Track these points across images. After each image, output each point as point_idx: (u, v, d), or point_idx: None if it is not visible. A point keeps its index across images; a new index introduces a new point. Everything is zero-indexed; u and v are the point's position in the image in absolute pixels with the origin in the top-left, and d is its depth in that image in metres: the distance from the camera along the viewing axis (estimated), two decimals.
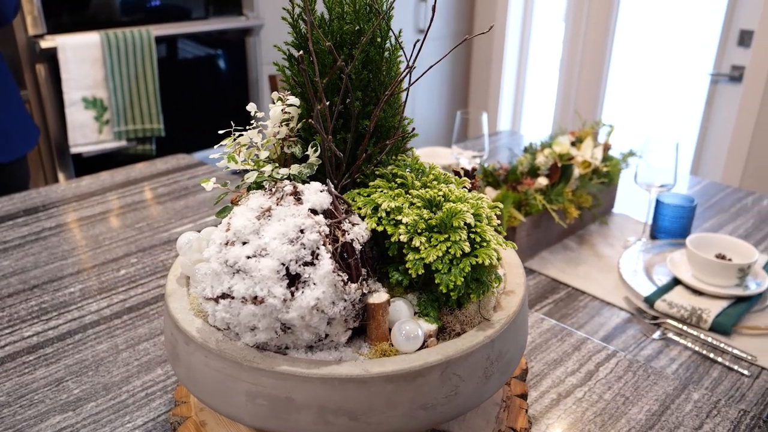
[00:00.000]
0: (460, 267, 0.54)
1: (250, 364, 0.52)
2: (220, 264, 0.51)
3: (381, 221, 0.56)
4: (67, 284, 0.97)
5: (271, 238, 0.51)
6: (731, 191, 1.76)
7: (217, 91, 2.46)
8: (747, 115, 2.62)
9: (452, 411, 0.55)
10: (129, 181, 1.35)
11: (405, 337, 0.53)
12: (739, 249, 1.28)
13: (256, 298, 0.50)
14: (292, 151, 0.60)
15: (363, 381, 0.51)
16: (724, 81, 2.75)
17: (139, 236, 1.12)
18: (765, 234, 1.51)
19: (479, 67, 3.48)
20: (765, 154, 2.62)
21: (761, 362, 1.06)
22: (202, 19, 2.32)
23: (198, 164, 1.45)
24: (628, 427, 0.70)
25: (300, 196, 0.53)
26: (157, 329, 0.86)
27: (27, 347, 0.83)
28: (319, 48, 0.59)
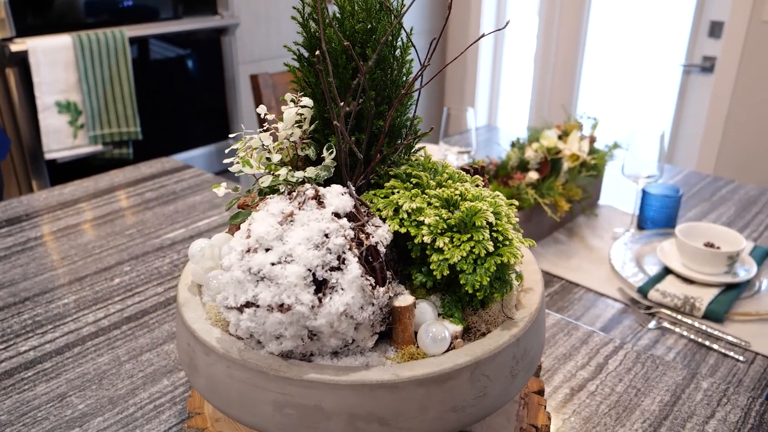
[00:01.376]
0: (485, 267, 0.54)
1: (277, 374, 0.51)
2: (243, 272, 0.50)
3: (403, 222, 0.55)
4: (59, 295, 0.94)
5: (295, 243, 0.50)
6: (711, 180, 1.79)
7: (194, 92, 2.42)
8: (719, 104, 2.67)
9: (481, 412, 0.54)
10: (114, 187, 1.32)
11: (432, 339, 0.53)
12: (726, 237, 1.30)
13: (282, 306, 0.49)
14: (306, 153, 0.59)
15: (394, 386, 0.50)
16: (696, 72, 2.80)
17: (130, 243, 1.09)
18: (747, 221, 1.54)
19: (454, 63, 3.49)
20: (737, 142, 2.68)
21: (755, 348, 1.08)
22: (176, 18, 2.28)
23: (183, 167, 1.42)
24: (643, 419, 0.71)
25: (322, 200, 0.52)
26: (159, 339, 0.84)
27: (24, 362, 0.80)
28: (331, 48, 0.58)
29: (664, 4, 2.92)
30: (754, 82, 2.57)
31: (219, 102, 2.51)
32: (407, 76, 0.62)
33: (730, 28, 2.56)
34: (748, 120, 2.63)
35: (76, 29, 2.03)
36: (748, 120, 2.63)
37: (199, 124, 2.48)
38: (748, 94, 2.59)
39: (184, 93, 2.39)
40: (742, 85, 2.60)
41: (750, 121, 2.62)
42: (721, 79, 2.64)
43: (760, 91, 2.57)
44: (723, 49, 2.61)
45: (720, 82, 2.65)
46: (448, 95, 3.60)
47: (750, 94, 2.59)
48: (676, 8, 2.85)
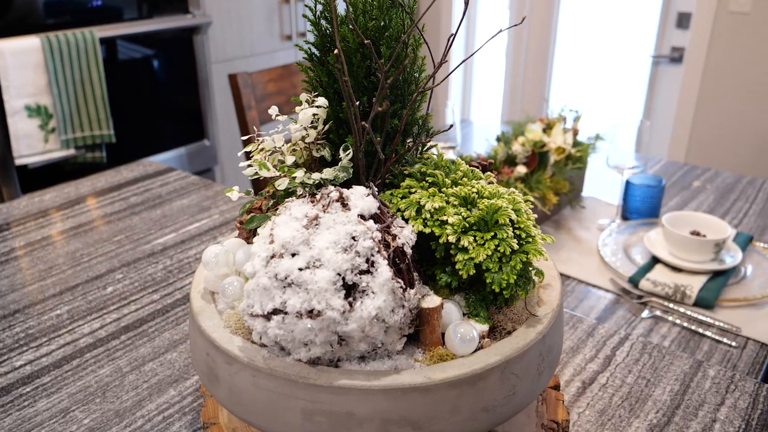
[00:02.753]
0: (511, 265, 0.53)
1: (306, 381, 0.50)
2: (269, 278, 0.49)
3: (426, 222, 0.54)
4: (51, 306, 0.91)
5: (323, 247, 0.48)
6: (689, 168, 1.83)
7: (166, 93, 2.37)
8: (688, 94, 2.73)
9: (510, 411, 0.54)
10: (96, 192, 1.28)
11: (461, 340, 0.52)
12: (711, 225, 1.32)
13: (312, 312, 0.48)
14: (321, 155, 0.58)
15: (426, 389, 0.49)
16: (665, 62, 2.85)
17: (119, 250, 1.06)
18: (726, 208, 1.57)
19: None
20: (707, 130, 2.74)
21: (745, 333, 1.10)
22: (147, 18, 2.23)
23: (166, 170, 1.39)
24: (656, 409, 0.71)
25: (346, 202, 0.51)
26: (161, 347, 0.82)
27: (21, 378, 0.77)
28: (345, 46, 0.57)
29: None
30: (723, 71, 2.63)
31: (192, 102, 2.46)
32: (419, 74, 0.61)
33: (698, 19, 2.62)
34: (717, 109, 2.69)
35: (43, 30, 1.97)
36: (717, 109, 2.69)
37: (173, 126, 2.43)
38: (717, 83, 2.65)
39: (157, 94, 2.34)
40: (711, 75, 2.66)
41: (719, 110, 2.69)
42: (690, 70, 2.70)
43: (728, 80, 2.63)
44: (691, 39, 2.66)
45: (689, 72, 2.71)
46: None
47: (718, 84, 2.65)
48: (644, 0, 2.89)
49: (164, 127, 2.40)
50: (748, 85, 2.58)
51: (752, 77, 2.57)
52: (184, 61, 2.38)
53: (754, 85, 2.57)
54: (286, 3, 2.66)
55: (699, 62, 2.66)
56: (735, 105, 2.64)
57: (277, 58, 2.70)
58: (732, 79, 2.62)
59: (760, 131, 2.62)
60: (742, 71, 2.58)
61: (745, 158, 2.68)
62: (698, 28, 2.62)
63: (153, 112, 2.34)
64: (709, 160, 2.74)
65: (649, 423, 0.69)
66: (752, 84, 2.57)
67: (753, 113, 2.61)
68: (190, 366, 0.78)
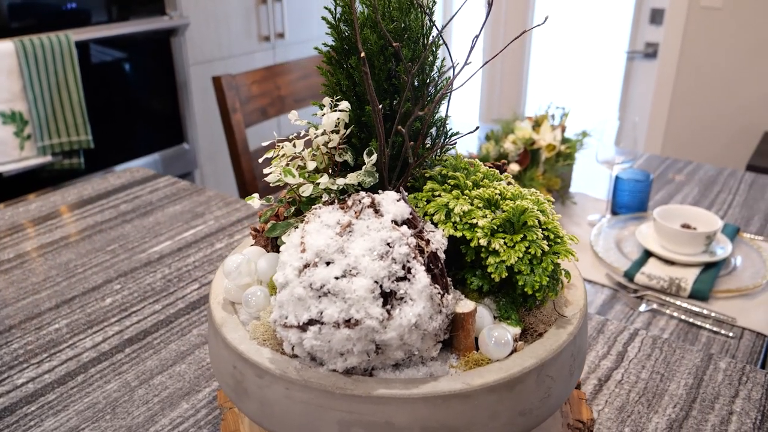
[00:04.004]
0: (543, 266, 0.53)
1: (343, 392, 0.49)
2: (304, 288, 0.47)
3: (456, 226, 0.53)
4: (49, 320, 0.88)
5: (359, 255, 0.47)
6: (671, 162, 1.86)
7: (144, 97, 2.32)
8: (663, 88, 2.77)
9: (545, 413, 0.54)
10: (84, 201, 1.25)
11: (496, 344, 0.52)
12: (701, 217, 1.34)
13: (349, 321, 0.47)
14: (344, 159, 0.57)
15: (466, 395, 0.49)
16: (639, 58, 2.90)
17: (114, 260, 1.03)
18: (711, 200, 1.60)
19: None
20: (682, 124, 2.79)
21: (741, 323, 1.12)
22: (123, 20, 2.18)
23: (155, 176, 1.36)
24: (673, 404, 0.72)
25: (378, 208, 0.50)
26: (168, 359, 0.80)
27: (25, 396, 0.74)
28: (366, 48, 0.56)
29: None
30: (696, 66, 2.68)
31: (171, 106, 2.42)
32: (439, 75, 0.60)
33: (671, 14, 2.66)
34: (691, 102, 2.74)
35: (17, 34, 1.91)
36: (692, 102, 2.74)
37: (152, 130, 2.38)
38: (691, 78, 2.70)
39: (134, 98, 2.29)
40: (685, 70, 2.71)
41: (693, 104, 2.74)
42: (664, 65, 2.74)
43: (702, 74, 2.68)
44: (665, 35, 2.71)
45: (663, 68, 2.75)
46: None
47: (692, 78, 2.70)
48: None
49: (142, 131, 2.35)
50: (722, 78, 2.64)
51: (725, 71, 2.62)
52: (161, 64, 2.34)
53: (727, 78, 2.63)
54: (263, 3, 2.63)
55: (673, 57, 2.70)
56: (709, 99, 2.69)
57: (256, 59, 2.67)
58: (706, 74, 2.67)
59: (734, 124, 2.68)
60: (716, 65, 2.63)
61: (719, 151, 2.74)
62: (671, 24, 2.67)
63: (131, 116, 2.29)
64: (684, 154, 2.79)
65: (668, 418, 0.70)
66: (726, 78, 2.63)
67: (727, 106, 2.67)
68: (201, 378, 0.77)
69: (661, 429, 0.68)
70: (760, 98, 2.59)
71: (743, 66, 2.58)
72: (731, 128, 2.67)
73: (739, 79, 2.60)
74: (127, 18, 2.20)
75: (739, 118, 2.65)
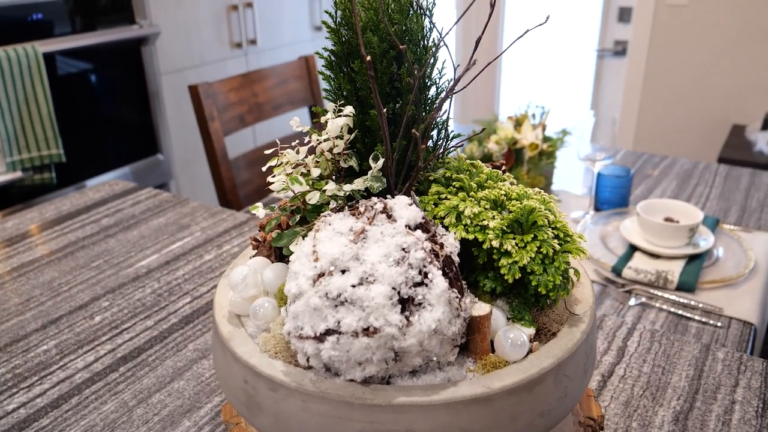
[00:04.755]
0: (555, 266, 0.53)
1: (363, 402, 0.48)
2: (320, 298, 0.46)
3: (468, 228, 0.53)
4: (36, 342, 0.85)
5: (375, 261, 0.47)
6: (648, 157, 1.89)
7: (116, 108, 2.28)
8: (633, 85, 2.82)
9: (562, 413, 0.54)
10: (63, 216, 1.21)
11: (512, 345, 0.51)
12: (683, 210, 1.36)
13: (368, 330, 0.46)
14: (349, 165, 0.56)
15: (488, 399, 0.48)
16: (609, 56, 2.94)
17: (100, 276, 1.00)
18: (689, 194, 1.63)
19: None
20: (653, 119, 2.84)
21: (728, 312, 1.14)
22: (92, 30, 2.14)
23: (135, 189, 1.33)
24: (677, 396, 0.73)
25: (391, 213, 0.49)
26: (165, 377, 0.78)
27: (17, 423, 0.71)
28: (370, 52, 0.55)
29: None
30: (665, 62, 2.73)
31: (143, 116, 2.37)
32: (440, 78, 0.60)
33: (638, 12, 2.71)
34: (661, 98, 2.79)
35: None
36: (661, 98, 2.79)
37: (125, 141, 2.34)
38: (660, 74, 2.75)
39: (106, 109, 2.24)
40: (654, 66, 2.76)
41: (663, 99, 2.79)
42: (633, 62, 2.79)
43: (670, 70, 2.73)
44: (633, 32, 2.75)
45: (632, 65, 2.80)
46: None
47: (661, 74, 2.75)
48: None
49: (115, 143, 2.30)
50: (690, 74, 2.69)
51: (693, 67, 2.68)
52: (132, 74, 2.29)
53: (695, 74, 2.68)
54: (235, 10, 2.60)
55: (642, 54, 2.75)
56: (678, 94, 2.74)
57: (228, 66, 2.64)
58: (674, 69, 2.72)
59: (703, 118, 2.73)
60: (683, 61, 2.69)
61: (690, 145, 2.79)
62: (639, 22, 2.71)
63: (103, 128, 2.25)
64: (656, 149, 2.84)
65: (674, 410, 0.70)
66: (693, 73, 2.68)
67: (695, 101, 2.72)
68: (202, 393, 0.75)
69: (667, 422, 0.69)
70: (727, 92, 2.65)
71: (710, 61, 2.63)
72: (700, 122, 2.73)
73: (707, 74, 2.65)
74: (96, 28, 2.16)
75: (707, 112, 2.70)
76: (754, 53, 2.54)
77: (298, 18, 2.94)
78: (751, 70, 2.57)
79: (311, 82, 2.01)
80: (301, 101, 1.99)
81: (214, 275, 1.00)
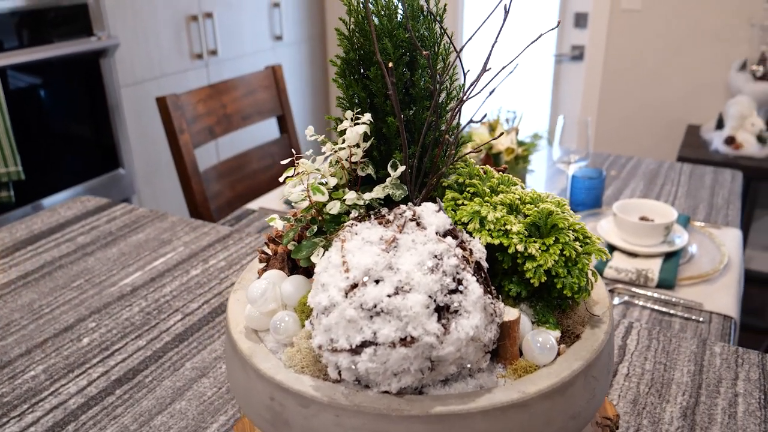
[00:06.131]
0: (579, 267, 0.53)
1: (400, 413, 0.47)
2: (356, 309, 0.45)
3: (492, 234, 0.53)
4: (22, 368, 0.81)
5: (410, 270, 0.46)
6: (614, 158, 1.93)
7: (75, 122, 2.20)
8: (591, 89, 2.89)
9: (590, 415, 0.54)
10: (35, 236, 1.16)
11: (541, 349, 0.51)
12: (656, 209, 1.40)
13: (405, 340, 0.45)
14: (367, 173, 0.55)
15: (524, 404, 0.48)
16: (566, 60, 3.01)
17: (83, 296, 0.96)
18: (657, 193, 1.67)
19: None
20: (611, 122, 2.91)
21: (708, 307, 1.17)
22: (48, 43, 2.06)
23: (109, 204, 1.29)
24: (682, 391, 0.74)
25: (420, 221, 0.49)
26: (165, 397, 0.75)
27: None
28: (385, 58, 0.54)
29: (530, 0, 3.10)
30: (621, 65, 2.81)
31: (103, 130, 2.31)
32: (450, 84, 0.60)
33: (594, 17, 2.78)
34: (618, 101, 2.87)
35: None
36: (619, 101, 2.87)
37: (85, 156, 2.26)
38: (617, 77, 2.83)
39: (64, 124, 2.17)
40: (611, 70, 2.83)
41: (621, 102, 2.87)
42: (590, 66, 2.86)
43: (627, 73, 2.81)
44: (589, 37, 2.82)
45: (590, 69, 2.87)
46: (333, 102, 3.58)
47: (618, 77, 2.83)
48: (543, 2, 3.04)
49: (75, 158, 2.23)
50: (645, 77, 2.77)
51: (648, 69, 2.76)
52: (91, 87, 2.23)
53: (650, 76, 2.77)
54: (194, 21, 2.56)
55: (598, 59, 2.82)
56: (635, 96, 2.83)
57: (189, 77, 2.59)
58: (630, 73, 2.80)
59: (659, 119, 2.82)
60: (639, 64, 2.77)
61: (649, 145, 2.88)
62: (595, 27, 2.79)
63: (62, 144, 2.17)
64: (615, 150, 2.92)
65: (681, 406, 0.72)
66: (649, 76, 2.77)
67: (652, 103, 2.81)
68: (206, 413, 0.72)
69: (676, 418, 0.70)
70: (681, 93, 2.74)
71: (664, 64, 2.72)
72: (658, 123, 2.82)
73: (662, 76, 2.74)
74: (52, 41, 2.09)
75: (663, 113, 2.79)
76: (705, 55, 2.64)
77: (259, 28, 2.91)
78: (703, 71, 2.66)
79: (279, 91, 1.99)
80: (270, 111, 1.96)
81: (203, 290, 0.97)
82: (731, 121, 2.44)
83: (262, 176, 1.94)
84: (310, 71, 3.33)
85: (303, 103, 3.32)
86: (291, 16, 3.09)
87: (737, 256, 1.35)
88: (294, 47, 3.16)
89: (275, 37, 3.02)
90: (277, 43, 3.03)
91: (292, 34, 3.12)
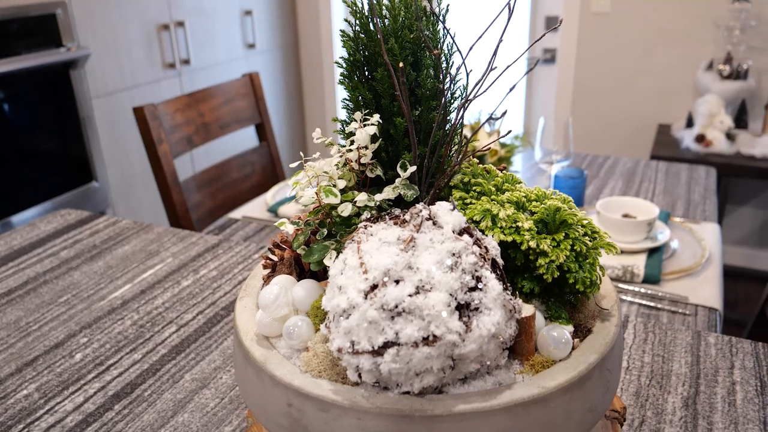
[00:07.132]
0: (589, 262, 0.54)
1: (423, 414, 0.47)
2: (377, 310, 0.45)
3: (504, 231, 0.53)
4: (14, 387, 0.79)
5: (430, 269, 0.46)
6: (591, 158, 1.96)
7: (46, 136, 2.16)
8: (564, 91, 2.94)
9: (605, 407, 0.54)
10: (16, 251, 1.13)
11: (557, 343, 0.52)
12: (638, 206, 1.43)
13: (427, 339, 0.45)
14: (376, 174, 0.55)
15: (544, 399, 0.48)
16: (539, 63, 3.05)
17: (72, 311, 0.94)
18: (636, 190, 1.71)
19: (311, 76, 3.47)
20: (584, 123, 2.96)
21: (693, 300, 1.19)
22: (15, 55, 2.02)
23: (91, 217, 1.26)
24: (681, 382, 0.75)
25: (436, 220, 0.49)
26: (166, 411, 0.74)
27: None
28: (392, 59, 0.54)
29: (501, 3, 3.14)
30: (592, 67, 2.86)
31: (75, 143, 2.26)
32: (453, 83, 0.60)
33: (565, 21, 2.83)
34: (591, 102, 2.92)
35: None
36: (592, 102, 2.92)
37: (57, 169, 2.21)
38: (589, 79, 2.88)
39: (34, 138, 2.12)
40: (582, 72, 2.88)
41: (593, 103, 2.92)
42: (563, 68, 2.91)
43: (598, 75, 2.86)
44: (561, 40, 2.87)
45: (562, 71, 2.91)
46: (308, 109, 3.57)
47: (590, 79, 2.88)
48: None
49: (47, 172, 2.18)
50: (616, 78, 2.83)
51: (618, 70, 2.81)
52: (61, 99, 2.18)
53: (621, 77, 2.82)
54: (165, 30, 2.53)
55: (570, 61, 2.87)
56: (607, 97, 2.88)
57: (162, 87, 2.56)
58: (601, 74, 2.85)
59: (631, 119, 2.87)
60: (610, 65, 2.82)
61: (622, 145, 2.93)
62: (566, 30, 2.83)
63: (33, 158, 2.12)
64: (590, 150, 2.97)
65: (682, 396, 0.73)
66: (619, 76, 2.82)
67: (623, 103, 2.86)
68: (210, 425, 0.71)
69: (678, 408, 0.71)
70: (651, 93, 2.80)
71: (634, 65, 2.78)
72: (630, 123, 2.87)
73: (632, 77, 2.80)
74: (19, 52, 2.04)
75: (635, 113, 2.85)
76: (673, 56, 2.70)
77: (231, 36, 2.89)
78: (672, 71, 2.73)
79: (257, 99, 1.98)
80: (248, 119, 1.95)
81: (196, 301, 0.96)
82: (701, 120, 2.50)
83: (243, 185, 1.92)
84: (283, 79, 3.31)
85: (278, 110, 3.30)
86: (263, 24, 3.08)
87: (717, 250, 1.38)
88: (267, 55, 3.15)
89: (248, 45, 3.00)
90: (250, 51, 3.01)
91: (265, 42, 3.11)
